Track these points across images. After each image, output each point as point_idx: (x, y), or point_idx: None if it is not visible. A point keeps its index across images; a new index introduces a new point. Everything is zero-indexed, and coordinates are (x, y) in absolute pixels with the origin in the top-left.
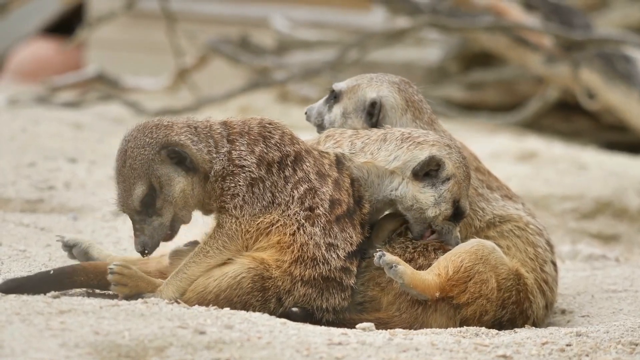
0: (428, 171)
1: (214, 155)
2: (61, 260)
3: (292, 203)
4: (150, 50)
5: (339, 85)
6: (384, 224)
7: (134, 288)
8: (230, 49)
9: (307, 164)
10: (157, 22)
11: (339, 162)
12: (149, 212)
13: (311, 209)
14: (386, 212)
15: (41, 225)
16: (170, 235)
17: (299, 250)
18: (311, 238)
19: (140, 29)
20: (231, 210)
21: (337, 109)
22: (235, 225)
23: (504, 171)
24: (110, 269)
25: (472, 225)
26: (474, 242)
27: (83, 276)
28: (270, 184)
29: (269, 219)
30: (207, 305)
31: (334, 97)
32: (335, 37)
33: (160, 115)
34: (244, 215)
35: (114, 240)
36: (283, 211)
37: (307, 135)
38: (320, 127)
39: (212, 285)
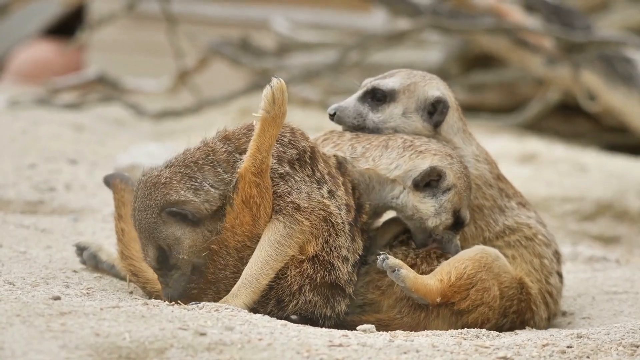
0: (429, 181)
1: (228, 179)
2: (62, 262)
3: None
4: (151, 52)
5: (388, 84)
6: (384, 229)
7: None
8: (231, 50)
9: (321, 164)
10: (157, 24)
11: (341, 165)
12: (168, 267)
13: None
14: (386, 218)
15: (41, 226)
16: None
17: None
18: (340, 248)
19: (141, 30)
20: (283, 196)
21: (394, 109)
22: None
23: (505, 173)
24: (270, 83)
25: (482, 236)
26: (477, 250)
27: None
28: (299, 179)
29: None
30: None
31: (382, 96)
32: (336, 39)
33: (162, 116)
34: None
35: (115, 242)
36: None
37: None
38: (358, 128)
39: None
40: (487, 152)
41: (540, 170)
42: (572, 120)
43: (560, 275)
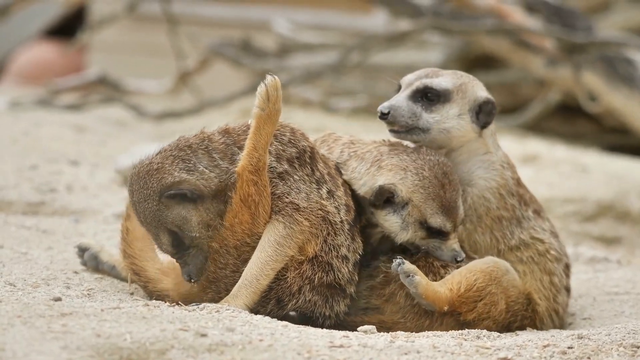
0: (387, 198)
1: (225, 167)
2: (63, 263)
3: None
4: (152, 53)
5: (441, 84)
6: (384, 238)
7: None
8: (232, 51)
9: (321, 164)
10: (159, 25)
11: (338, 169)
12: (184, 247)
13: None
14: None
15: (43, 227)
16: None
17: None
18: (339, 247)
19: (142, 31)
20: (282, 196)
21: (450, 110)
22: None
23: None
24: (265, 81)
25: (497, 248)
26: (489, 262)
27: None
28: (298, 178)
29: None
30: None
31: (435, 96)
32: (337, 39)
33: (163, 117)
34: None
35: (116, 243)
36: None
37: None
38: (410, 129)
39: None
40: (506, 156)
41: (541, 171)
42: (573, 121)
43: (568, 290)
